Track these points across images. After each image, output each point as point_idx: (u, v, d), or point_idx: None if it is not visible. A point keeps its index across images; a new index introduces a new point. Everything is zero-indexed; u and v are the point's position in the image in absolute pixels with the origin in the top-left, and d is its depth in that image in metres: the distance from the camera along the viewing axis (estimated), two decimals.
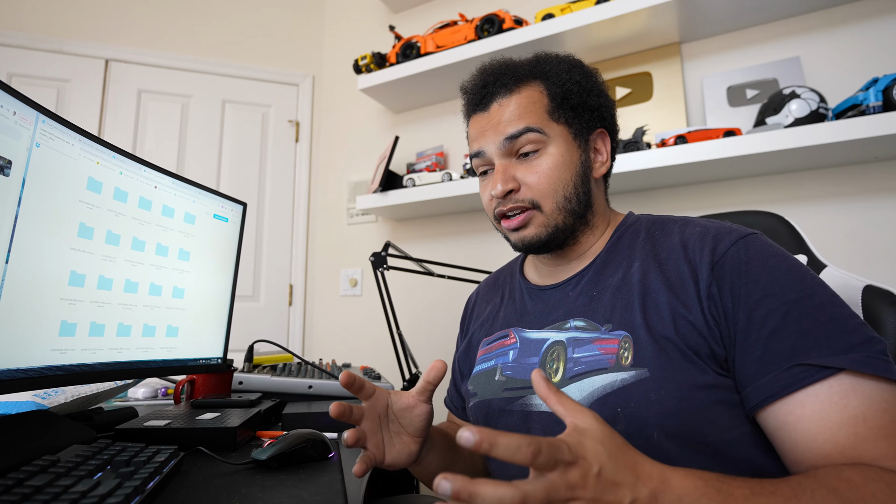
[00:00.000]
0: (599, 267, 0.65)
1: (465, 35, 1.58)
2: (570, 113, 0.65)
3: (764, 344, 0.49)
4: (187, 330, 0.81)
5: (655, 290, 0.57)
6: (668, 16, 1.32)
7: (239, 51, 2.15)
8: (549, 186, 0.63)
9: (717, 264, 0.54)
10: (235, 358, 1.02)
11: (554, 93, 0.65)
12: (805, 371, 0.46)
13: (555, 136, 0.64)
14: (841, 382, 0.45)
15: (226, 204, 0.89)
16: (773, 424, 0.48)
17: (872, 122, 1.03)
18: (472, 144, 0.69)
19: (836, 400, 0.45)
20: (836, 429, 0.44)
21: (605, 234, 0.69)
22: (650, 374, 0.52)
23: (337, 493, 0.50)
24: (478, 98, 0.68)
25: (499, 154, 0.65)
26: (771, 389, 0.48)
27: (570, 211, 0.64)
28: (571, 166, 0.65)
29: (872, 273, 1.16)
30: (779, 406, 0.47)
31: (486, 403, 0.66)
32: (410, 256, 1.39)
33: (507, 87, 0.66)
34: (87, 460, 0.47)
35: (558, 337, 0.62)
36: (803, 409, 0.46)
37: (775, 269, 0.52)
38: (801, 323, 0.48)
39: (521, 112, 0.64)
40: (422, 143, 1.88)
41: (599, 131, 0.69)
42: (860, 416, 0.44)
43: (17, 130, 0.51)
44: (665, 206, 1.41)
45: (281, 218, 2.13)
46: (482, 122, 0.67)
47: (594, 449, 0.35)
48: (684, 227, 0.61)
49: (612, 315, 0.59)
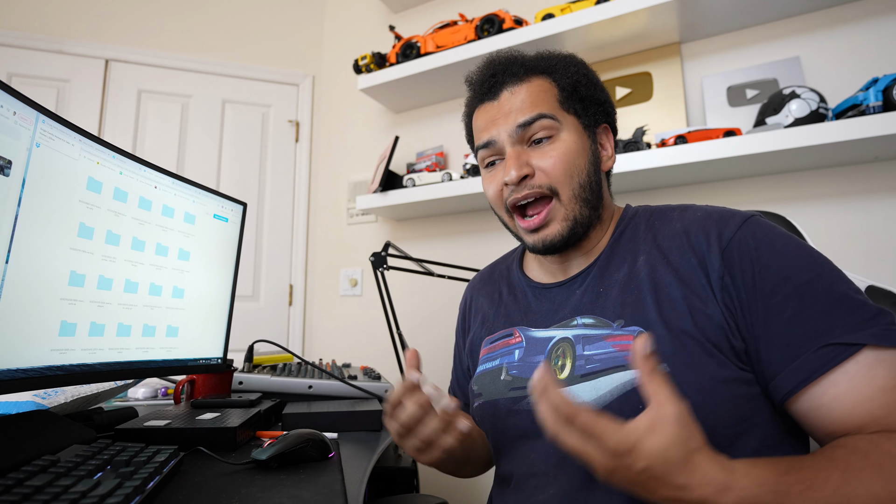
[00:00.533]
0: (604, 263, 0.64)
1: (465, 35, 1.58)
2: (580, 105, 0.66)
3: (786, 330, 0.50)
4: (187, 330, 0.81)
5: (668, 284, 0.56)
6: (668, 16, 1.32)
7: (239, 51, 2.15)
8: (564, 171, 0.62)
9: (726, 251, 0.54)
10: (235, 358, 1.01)
11: (563, 84, 0.65)
12: (833, 350, 0.47)
13: (567, 124, 0.64)
14: (866, 357, 0.47)
15: (226, 204, 0.89)
16: (808, 407, 0.49)
17: (872, 122, 1.03)
18: (480, 135, 0.68)
19: (864, 374, 0.47)
20: (868, 402, 0.46)
21: (608, 229, 0.69)
22: (671, 371, 0.52)
23: (337, 493, 0.50)
24: (486, 87, 0.67)
25: (511, 141, 0.64)
26: (804, 373, 0.48)
27: (585, 200, 0.63)
28: (585, 154, 0.64)
29: (873, 273, 1.16)
30: (812, 389, 0.48)
31: (492, 404, 0.65)
32: (410, 256, 1.39)
33: (517, 76, 0.65)
34: (87, 460, 0.47)
35: (565, 334, 0.61)
36: (836, 388, 0.47)
37: (783, 253, 0.53)
38: (817, 304, 0.49)
39: (533, 100, 0.64)
40: (422, 143, 1.88)
41: (604, 126, 0.69)
42: (889, 387, 0.46)
43: (17, 130, 0.51)
44: None
45: (281, 218, 2.13)
46: (492, 111, 0.66)
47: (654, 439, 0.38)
48: (683, 213, 0.61)
49: (623, 311, 0.58)
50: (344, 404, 0.91)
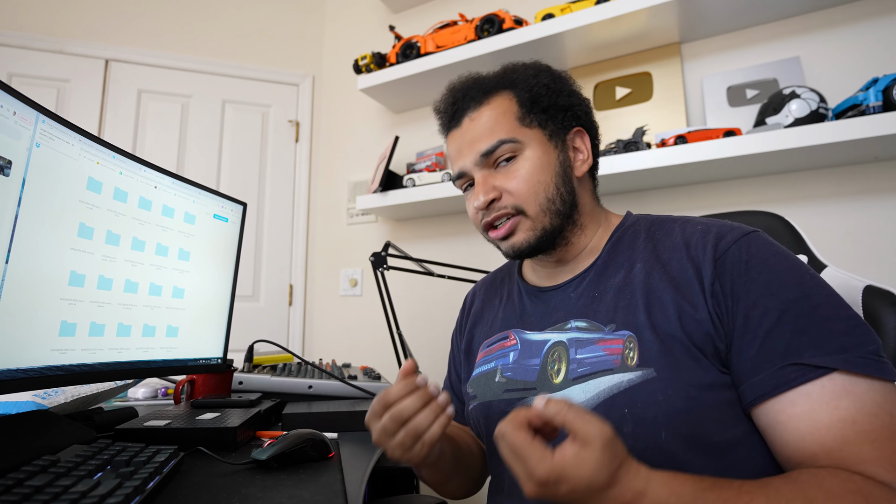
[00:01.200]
0: (601, 268, 0.65)
1: (465, 35, 1.58)
2: (542, 115, 0.66)
3: (760, 342, 0.50)
4: (187, 330, 0.81)
5: (660, 289, 0.57)
6: (668, 16, 1.32)
7: (239, 51, 2.15)
8: (529, 190, 0.63)
9: (719, 261, 0.55)
10: (235, 358, 1.01)
11: (523, 98, 0.66)
12: (798, 370, 0.47)
13: (529, 141, 0.65)
14: (833, 382, 0.46)
15: (226, 204, 0.89)
16: (766, 422, 0.49)
17: (872, 122, 1.03)
18: (453, 165, 0.70)
19: (827, 400, 0.45)
20: (824, 430, 0.45)
21: (601, 234, 0.69)
22: (657, 374, 0.52)
23: (337, 493, 0.50)
24: (449, 115, 0.70)
25: (476, 168, 0.66)
26: (764, 388, 0.48)
27: (555, 212, 0.64)
28: (550, 167, 0.65)
29: (872, 273, 1.16)
30: (771, 404, 0.48)
31: (486, 405, 0.65)
32: (410, 256, 1.39)
33: (475, 101, 0.67)
34: (87, 460, 0.47)
35: (559, 338, 0.62)
36: (794, 408, 0.47)
37: (775, 269, 0.53)
38: (797, 322, 0.49)
39: (492, 125, 0.65)
40: (422, 143, 1.88)
41: (576, 130, 0.69)
42: (849, 419, 0.44)
43: (17, 130, 0.51)
44: (665, 206, 1.41)
45: (281, 218, 2.13)
46: (457, 139, 0.68)
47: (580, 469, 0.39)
48: (685, 226, 0.61)
49: (615, 315, 0.59)
50: (344, 404, 0.91)
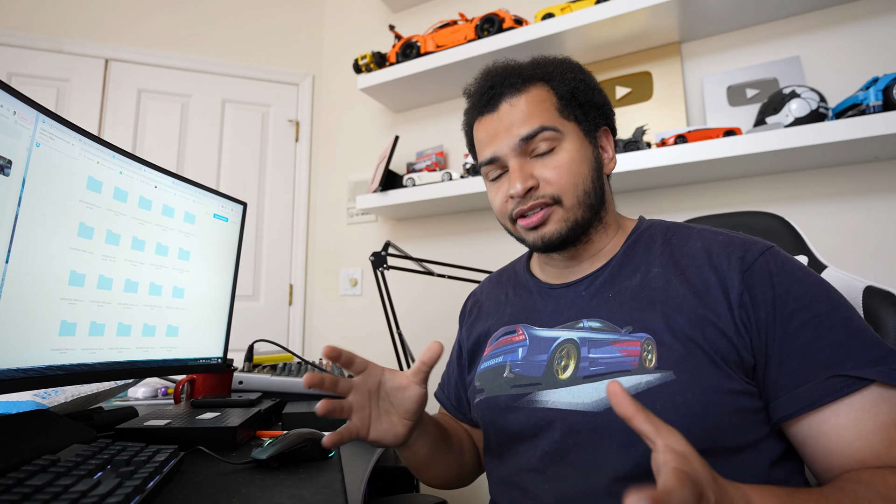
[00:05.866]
0: (616, 269, 0.65)
1: (465, 35, 1.58)
2: (579, 110, 0.66)
3: (800, 354, 0.51)
4: (187, 330, 0.81)
5: (680, 295, 0.57)
6: (668, 15, 1.32)
7: (239, 50, 2.15)
8: (569, 181, 0.63)
9: (747, 273, 0.55)
10: (235, 357, 1.02)
11: (561, 91, 0.65)
12: (843, 381, 0.48)
13: (568, 133, 0.64)
14: (872, 393, 0.48)
15: (226, 204, 0.89)
16: (806, 433, 0.50)
17: (872, 122, 1.03)
18: (483, 150, 0.68)
19: (868, 408, 0.48)
20: (870, 436, 0.47)
21: (617, 236, 0.69)
22: (676, 377, 0.52)
23: (337, 493, 0.50)
24: (485, 99, 0.67)
25: (514, 154, 0.64)
26: (808, 399, 0.49)
27: (588, 205, 0.64)
28: (587, 161, 0.65)
29: (872, 273, 1.16)
30: (814, 416, 0.49)
31: (493, 400, 0.65)
32: (410, 256, 1.39)
33: (515, 87, 0.65)
34: (87, 460, 0.47)
35: (570, 336, 0.61)
36: (838, 419, 0.48)
37: (803, 282, 0.54)
38: (833, 335, 0.50)
39: (533, 111, 0.64)
40: (422, 142, 1.88)
41: (604, 129, 0.69)
42: (891, 423, 0.47)
43: (17, 130, 0.51)
44: (665, 206, 1.41)
45: (281, 218, 2.13)
46: (492, 124, 0.66)
47: (704, 475, 0.35)
48: (704, 234, 0.62)
49: (632, 317, 0.58)
50: None
